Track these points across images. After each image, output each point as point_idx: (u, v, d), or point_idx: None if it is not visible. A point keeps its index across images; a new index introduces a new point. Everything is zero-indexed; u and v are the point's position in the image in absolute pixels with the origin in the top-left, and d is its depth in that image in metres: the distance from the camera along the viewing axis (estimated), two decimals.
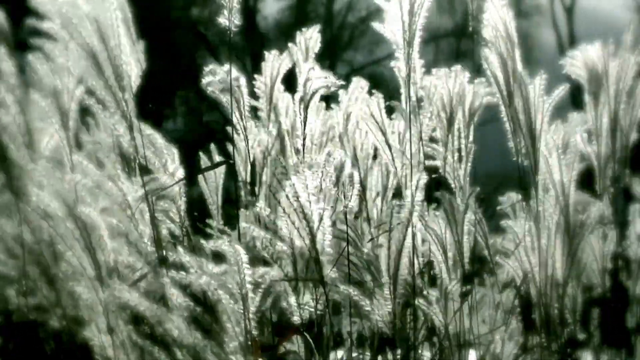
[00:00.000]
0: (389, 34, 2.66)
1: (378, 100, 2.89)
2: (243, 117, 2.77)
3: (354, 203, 2.51)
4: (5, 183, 2.10)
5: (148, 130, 2.56)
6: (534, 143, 2.72)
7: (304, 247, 2.17)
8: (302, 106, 2.74)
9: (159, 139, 2.59)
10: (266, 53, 3.02)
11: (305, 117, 2.74)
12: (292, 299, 2.30)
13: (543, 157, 2.70)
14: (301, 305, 2.26)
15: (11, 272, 2.13)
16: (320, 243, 2.17)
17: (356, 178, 2.57)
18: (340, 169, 2.46)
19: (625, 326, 2.88)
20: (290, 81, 3.05)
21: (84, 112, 2.50)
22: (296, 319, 2.27)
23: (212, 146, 3.27)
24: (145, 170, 2.47)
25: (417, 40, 2.57)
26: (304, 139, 2.75)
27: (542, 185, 2.71)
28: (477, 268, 2.92)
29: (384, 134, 2.88)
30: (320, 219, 2.18)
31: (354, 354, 2.78)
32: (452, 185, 2.92)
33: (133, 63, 2.29)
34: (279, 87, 3.04)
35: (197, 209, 3.12)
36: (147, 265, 2.17)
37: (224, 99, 2.72)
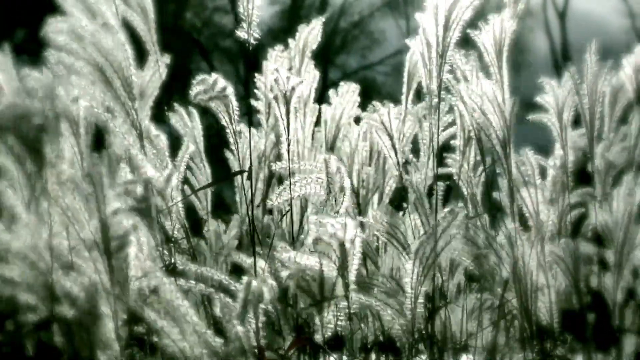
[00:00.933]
0: (418, 46, 2.72)
1: (388, 106, 2.92)
2: (233, 121, 2.74)
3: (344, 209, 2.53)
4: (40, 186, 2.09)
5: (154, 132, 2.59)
6: (505, 152, 2.76)
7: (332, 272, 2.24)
8: (283, 110, 2.73)
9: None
10: (270, 50, 3.00)
11: (288, 123, 2.73)
12: (317, 319, 2.35)
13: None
14: (325, 325, 2.31)
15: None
16: (350, 266, 2.22)
17: (347, 184, 2.58)
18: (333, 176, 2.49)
19: (612, 328, 2.89)
20: None
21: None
22: (318, 337, 2.32)
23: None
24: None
25: (449, 53, 2.62)
26: (289, 145, 2.74)
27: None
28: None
29: (391, 138, 2.91)
30: (352, 242, 2.22)
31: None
32: (465, 193, 2.94)
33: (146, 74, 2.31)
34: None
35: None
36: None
37: (213, 104, 2.70)
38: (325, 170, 2.55)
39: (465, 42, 2.83)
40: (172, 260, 2.38)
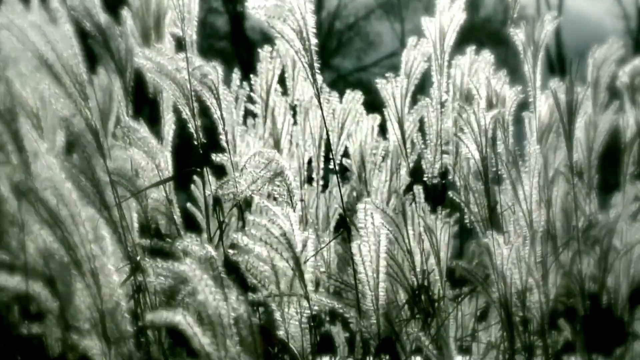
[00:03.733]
0: None
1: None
2: (219, 108, 2.69)
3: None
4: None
5: (142, 132, 2.57)
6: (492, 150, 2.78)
7: (286, 268, 2.20)
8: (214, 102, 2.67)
9: (152, 140, 2.58)
10: (260, 52, 2.98)
11: (222, 113, 2.64)
12: (277, 314, 2.33)
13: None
14: (286, 319, 2.29)
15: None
16: (304, 266, 2.19)
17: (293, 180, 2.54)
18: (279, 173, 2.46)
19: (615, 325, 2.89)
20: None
21: None
22: (282, 332, 2.30)
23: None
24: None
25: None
26: (226, 135, 2.68)
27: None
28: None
29: (401, 126, 2.92)
30: (304, 246, 2.19)
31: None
32: (458, 184, 2.94)
33: None
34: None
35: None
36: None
37: (166, 85, 2.63)
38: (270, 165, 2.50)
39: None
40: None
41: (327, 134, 2.93)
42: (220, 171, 3.18)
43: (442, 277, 2.77)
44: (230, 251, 2.22)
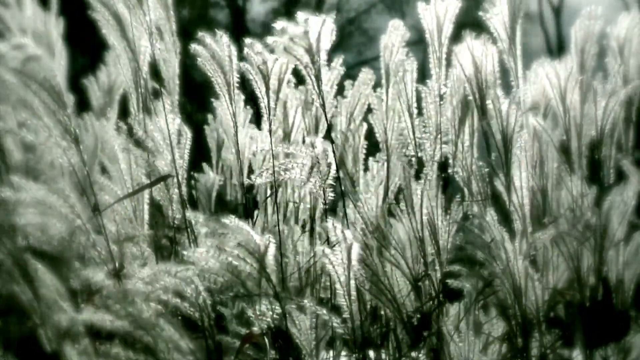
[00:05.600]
0: None
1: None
2: (232, 100, 2.68)
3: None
4: None
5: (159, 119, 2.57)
6: (505, 145, 2.77)
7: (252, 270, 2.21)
8: (263, 89, 2.67)
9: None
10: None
11: (269, 102, 2.66)
12: (250, 311, 2.34)
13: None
14: (259, 316, 2.30)
15: None
16: (269, 267, 2.19)
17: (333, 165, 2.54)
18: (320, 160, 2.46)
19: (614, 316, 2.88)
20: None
21: None
22: (256, 328, 2.31)
23: None
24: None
25: None
26: (270, 124, 2.69)
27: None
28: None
29: (410, 115, 2.92)
30: (266, 249, 2.19)
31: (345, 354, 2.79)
32: (460, 173, 2.93)
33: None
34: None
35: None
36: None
37: (213, 77, 2.64)
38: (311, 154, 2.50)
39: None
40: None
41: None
42: None
43: (442, 268, 2.74)
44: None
